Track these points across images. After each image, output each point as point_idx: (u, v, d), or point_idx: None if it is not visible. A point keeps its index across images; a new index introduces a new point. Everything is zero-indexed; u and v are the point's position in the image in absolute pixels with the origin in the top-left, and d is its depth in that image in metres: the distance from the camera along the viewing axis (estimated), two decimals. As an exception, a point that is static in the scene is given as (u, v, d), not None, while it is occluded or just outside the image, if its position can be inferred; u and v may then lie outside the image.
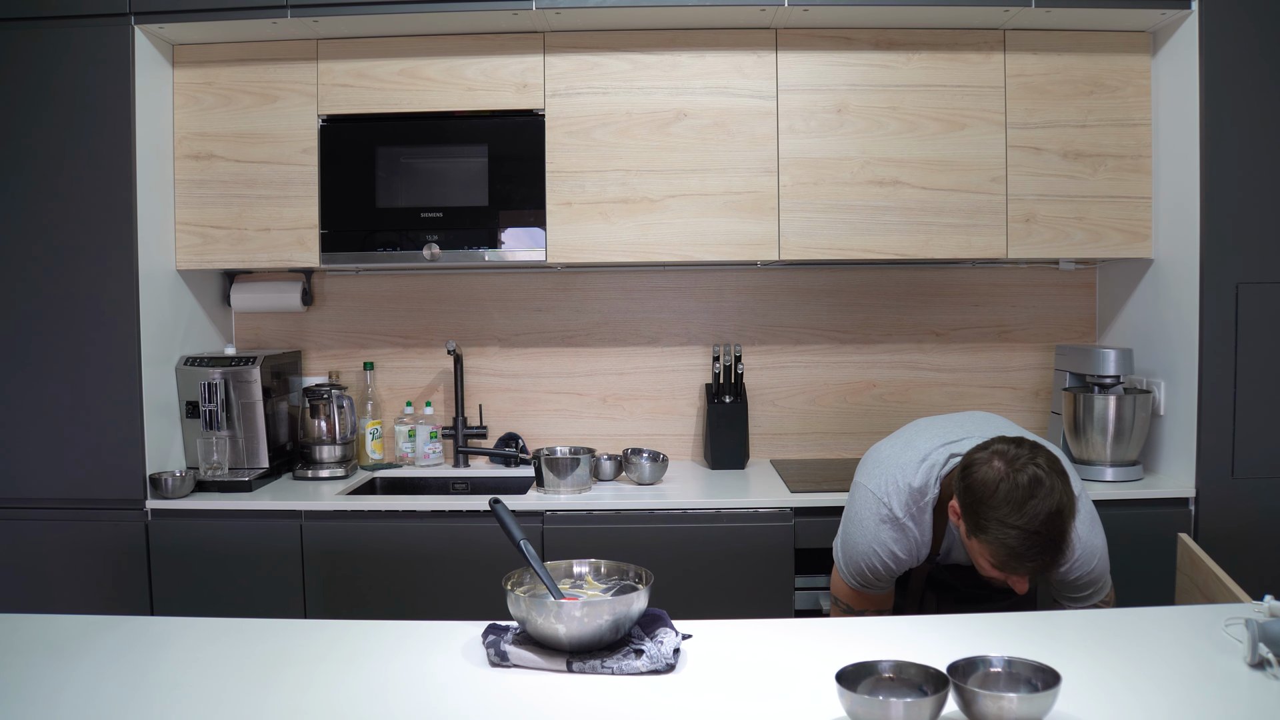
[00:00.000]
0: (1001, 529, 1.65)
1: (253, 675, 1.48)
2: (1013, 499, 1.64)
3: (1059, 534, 1.65)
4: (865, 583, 1.97)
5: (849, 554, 1.98)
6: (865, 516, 1.95)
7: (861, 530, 1.95)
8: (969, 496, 1.71)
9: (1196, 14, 2.63)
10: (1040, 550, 1.64)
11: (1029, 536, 1.63)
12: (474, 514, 2.64)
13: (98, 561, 2.68)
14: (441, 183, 2.87)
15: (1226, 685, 1.39)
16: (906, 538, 1.92)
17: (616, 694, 1.40)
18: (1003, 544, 1.66)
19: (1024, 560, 1.65)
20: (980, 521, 1.68)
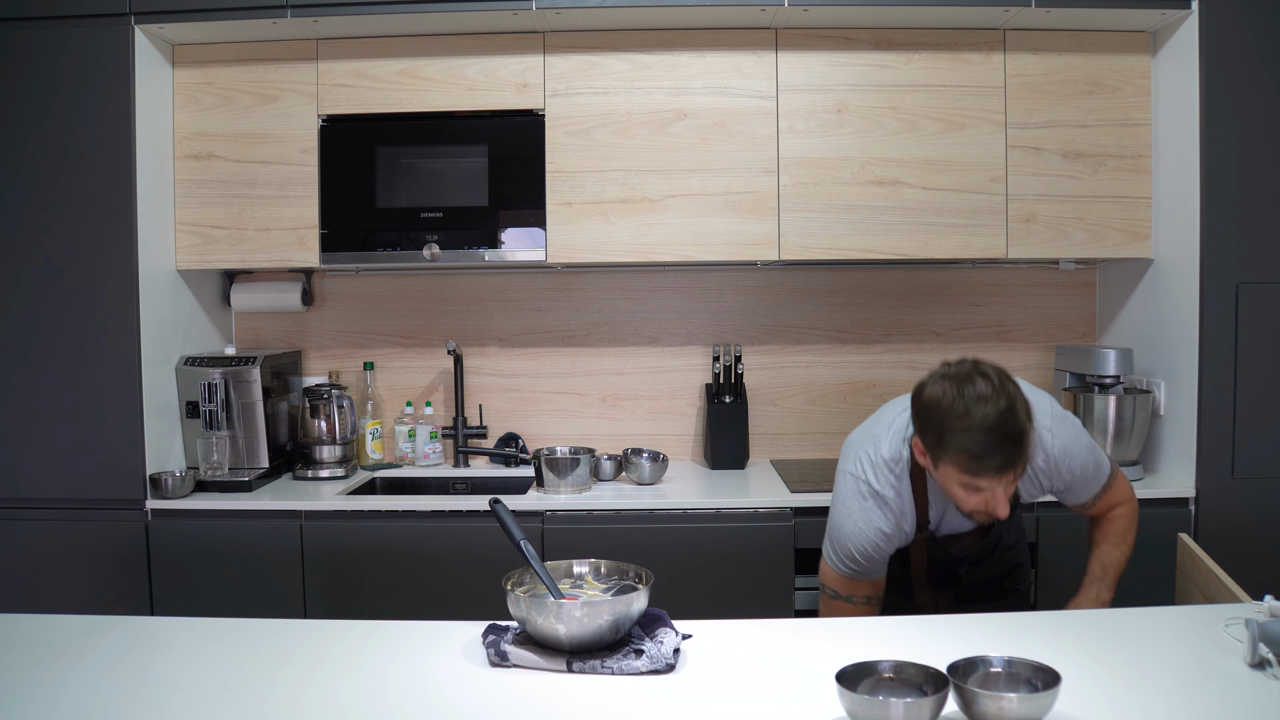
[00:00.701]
0: (958, 436, 1.68)
1: (253, 675, 1.48)
2: (961, 405, 1.68)
3: (1016, 431, 1.68)
4: (857, 568, 1.93)
5: (837, 541, 1.94)
6: (847, 498, 1.93)
7: (846, 513, 1.93)
8: (921, 420, 1.75)
9: (1196, 14, 2.63)
10: (1000, 446, 1.67)
11: (985, 435, 1.66)
12: (474, 514, 2.64)
13: (98, 561, 2.68)
14: (441, 183, 2.87)
15: (1226, 685, 1.39)
16: (890, 510, 1.89)
17: (616, 694, 1.40)
18: (963, 450, 1.68)
19: (986, 460, 1.67)
20: (939, 439, 1.71)
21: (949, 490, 1.78)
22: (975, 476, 1.71)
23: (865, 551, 1.91)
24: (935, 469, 1.78)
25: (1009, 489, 1.74)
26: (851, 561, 1.93)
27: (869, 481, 1.91)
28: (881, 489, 1.89)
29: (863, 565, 1.93)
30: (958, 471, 1.72)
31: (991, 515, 1.78)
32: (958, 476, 1.73)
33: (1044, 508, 2.63)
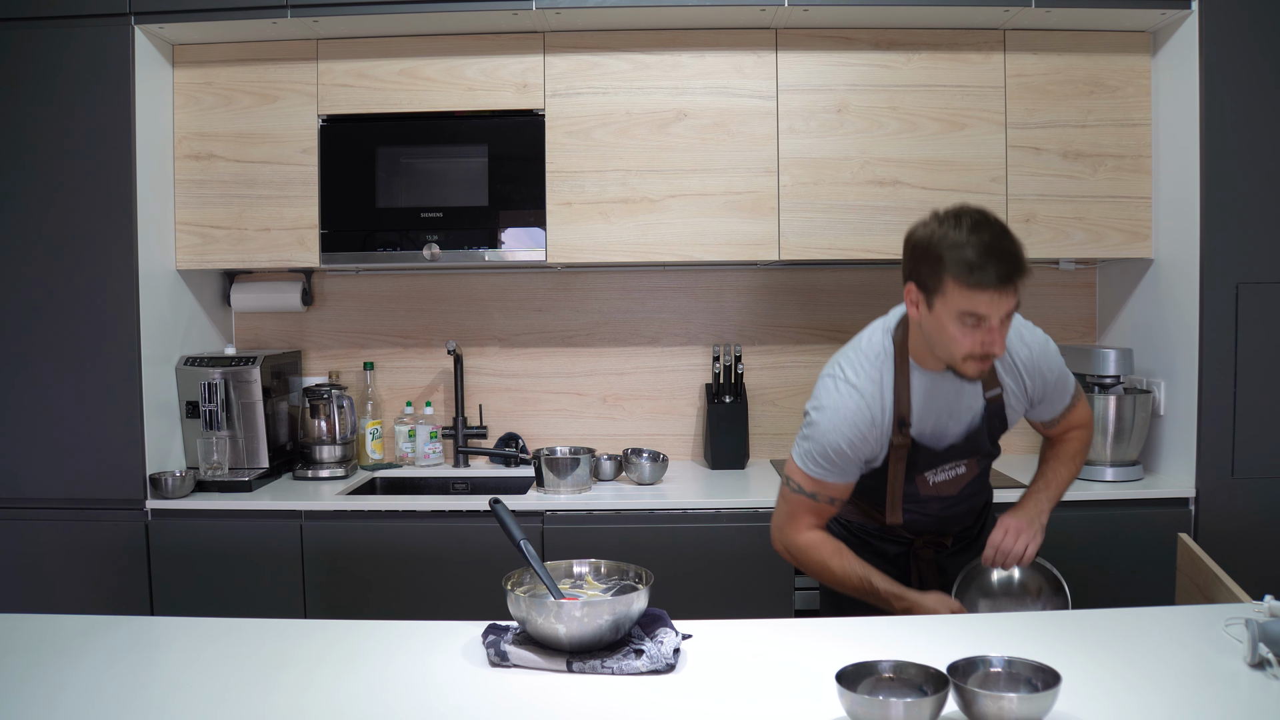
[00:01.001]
0: (954, 250, 1.69)
1: (253, 675, 1.48)
2: (956, 231, 1.71)
3: (1013, 246, 1.70)
4: (827, 467, 1.87)
5: (811, 439, 1.88)
6: (823, 396, 1.89)
7: (820, 410, 1.87)
8: (915, 257, 1.77)
9: (1196, 14, 2.63)
10: (1000, 256, 1.68)
11: (984, 247, 1.68)
12: (474, 514, 2.64)
13: (98, 561, 2.68)
14: (441, 183, 2.87)
15: (1226, 685, 1.39)
16: (866, 403, 1.85)
17: (616, 694, 1.40)
18: (963, 263, 1.68)
19: (987, 269, 1.67)
20: (937, 263, 1.72)
21: (945, 332, 1.75)
22: (976, 291, 1.68)
23: (838, 448, 1.85)
24: (931, 309, 1.76)
25: (1005, 326, 1.74)
26: (823, 459, 1.87)
27: (846, 377, 1.88)
28: (858, 381, 1.87)
29: (833, 464, 1.87)
30: (958, 292, 1.70)
31: (989, 356, 1.75)
32: (957, 301, 1.71)
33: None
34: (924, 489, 1.96)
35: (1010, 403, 1.95)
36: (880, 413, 1.86)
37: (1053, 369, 1.97)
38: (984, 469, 2.02)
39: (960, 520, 2.05)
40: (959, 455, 1.94)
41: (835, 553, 1.90)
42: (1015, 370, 1.93)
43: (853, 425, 1.85)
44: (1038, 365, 1.94)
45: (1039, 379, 1.95)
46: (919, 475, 1.94)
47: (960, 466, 1.96)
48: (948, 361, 1.81)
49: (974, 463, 1.97)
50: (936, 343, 1.80)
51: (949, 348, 1.77)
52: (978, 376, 1.83)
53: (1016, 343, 1.94)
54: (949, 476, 1.96)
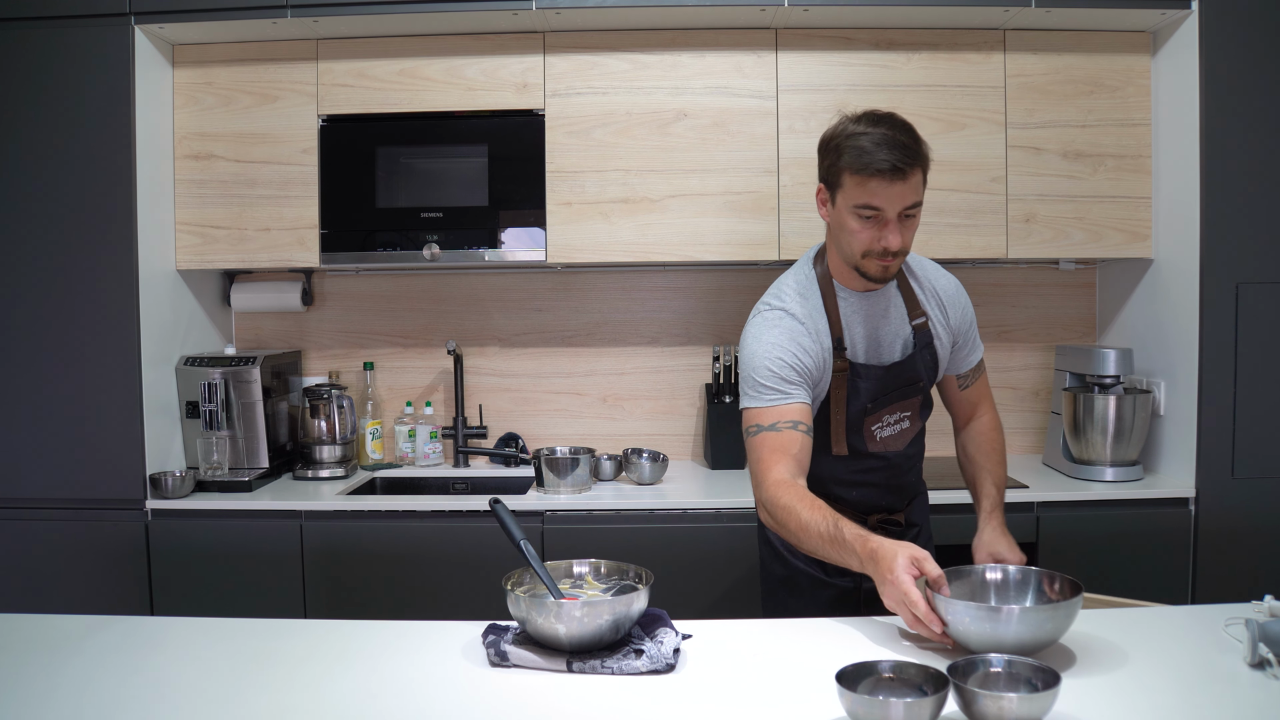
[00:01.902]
0: (850, 140, 1.73)
1: (252, 675, 1.48)
2: (853, 121, 1.77)
3: (908, 135, 1.73)
4: (776, 390, 1.81)
5: (750, 369, 1.85)
6: (756, 328, 1.88)
7: (756, 339, 1.86)
8: (821, 155, 1.82)
9: (1196, 14, 2.63)
10: (893, 145, 1.71)
11: (879, 137, 1.72)
12: (474, 514, 2.64)
13: (98, 561, 2.68)
14: (441, 183, 2.87)
15: (1226, 685, 1.39)
16: (799, 323, 1.86)
17: (616, 694, 1.40)
18: (856, 150, 1.72)
19: (878, 155, 1.70)
20: (835, 158, 1.76)
21: (845, 228, 1.78)
22: (869, 180, 1.71)
23: (783, 362, 1.82)
24: (833, 206, 1.80)
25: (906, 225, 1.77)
26: (769, 380, 1.81)
27: (777, 305, 1.90)
28: (789, 306, 1.88)
29: (780, 385, 1.82)
30: (853, 183, 1.73)
31: (888, 253, 1.77)
32: (853, 193, 1.74)
33: (1043, 508, 2.63)
34: (871, 443, 1.94)
35: (937, 333, 1.96)
36: (817, 332, 1.87)
37: (968, 310, 2.01)
38: (922, 427, 2.03)
39: (907, 492, 2.04)
40: (900, 395, 1.93)
41: (805, 499, 1.75)
42: (937, 298, 1.96)
43: (791, 339, 1.84)
44: (955, 299, 1.98)
45: (959, 313, 1.98)
46: (866, 428, 1.92)
47: (904, 419, 1.96)
48: (851, 261, 1.83)
49: (916, 414, 1.98)
50: (841, 241, 1.83)
51: (850, 244, 1.80)
52: (881, 276, 1.83)
53: (935, 273, 2.00)
54: (894, 431, 1.95)
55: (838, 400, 1.90)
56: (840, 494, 1.96)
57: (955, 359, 2.03)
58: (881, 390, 1.92)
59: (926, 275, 1.98)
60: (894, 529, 2.00)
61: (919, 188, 1.76)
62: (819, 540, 1.69)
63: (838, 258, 1.88)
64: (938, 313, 1.97)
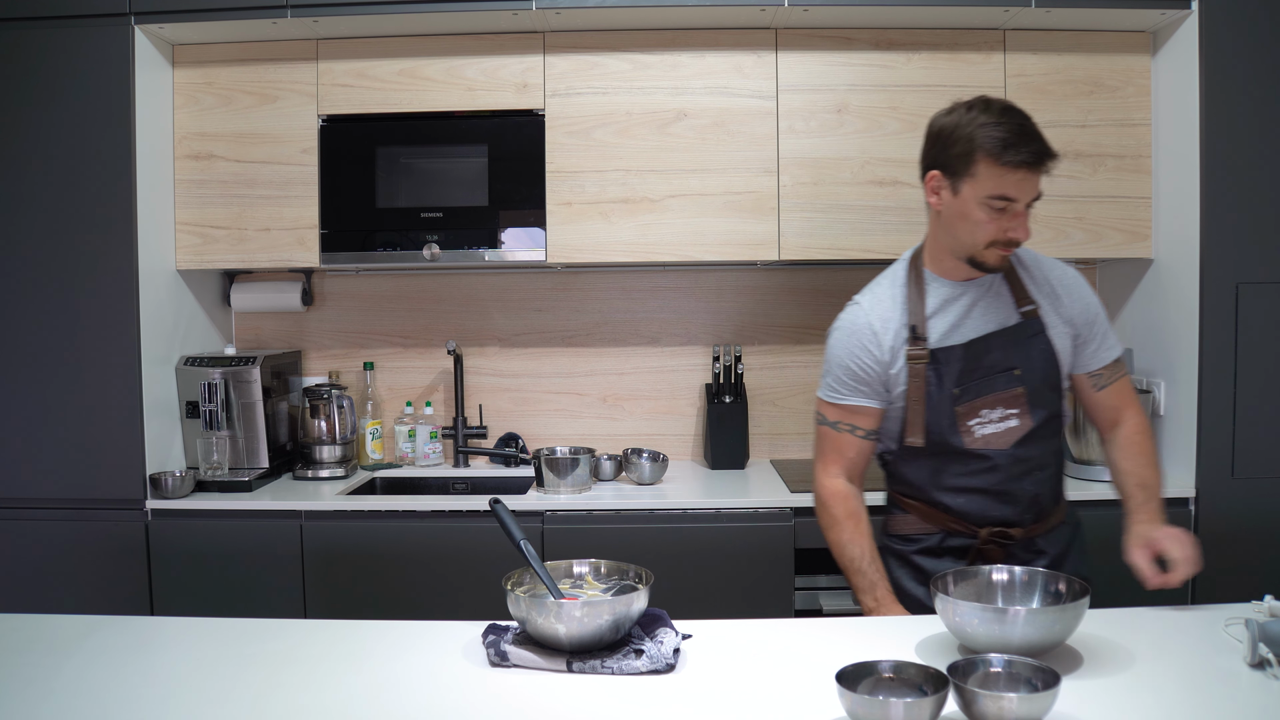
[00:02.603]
0: (985, 129, 1.70)
1: (253, 675, 1.48)
2: (983, 110, 1.73)
3: (1036, 126, 1.72)
4: (841, 390, 1.89)
5: (826, 365, 1.93)
6: (837, 322, 1.95)
7: (833, 334, 1.94)
8: (941, 141, 1.78)
9: (1196, 14, 2.63)
10: (1032, 136, 1.70)
11: (1015, 127, 1.70)
12: (474, 514, 2.64)
13: (98, 561, 2.68)
14: (441, 183, 2.87)
15: (1226, 685, 1.39)
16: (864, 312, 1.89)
17: (616, 694, 1.40)
18: (996, 139, 1.69)
19: (1021, 147, 1.68)
20: (967, 144, 1.72)
21: (969, 219, 1.75)
22: (1008, 171, 1.69)
23: (840, 361, 1.89)
24: (956, 194, 1.76)
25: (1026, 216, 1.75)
26: (831, 379, 1.91)
27: (858, 301, 1.93)
28: (862, 298, 1.92)
29: (841, 382, 1.90)
30: (989, 172, 1.71)
31: (1013, 244, 1.76)
32: (987, 183, 1.71)
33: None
34: (968, 439, 1.85)
35: (1050, 323, 1.87)
36: (881, 322, 1.87)
37: (1089, 297, 1.92)
38: (1043, 427, 1.87)
39: (1026, 502, 1.87)
40: (996, 385, 1.84)
41: (848, 516, 1.89)
42: (1049, 287, 1.89)
43: (850, 334, 1.89)
44: (1071, 287, 1.90)
45: (1077, 303, 1.90)
46: (961, 422, 1.84)
47: (1011, 416, 1.84)
48: (968, 252, 1.80)
49: (1025, 410, 1.84)
50: (958, 231, 1.79)
51: (972, 234, 1.77)
52: (999, 266, 1.81)
53: (1049, 262, 1.93)
54: (998, 429, 1.84)
55: (915, 390, 1.85)
56: (945, 501, 1.89)
57: (1083, 355, 1.92)
58: (967, 373, 1.84)
59: (1038, 264, 1.93)
60: (1007, 544, 1.87)
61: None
62: (845, 562, 1.88)
63: (941, 247, 1.85)
64: (1049, 302, 1.89)
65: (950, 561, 1.88)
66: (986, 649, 1.41)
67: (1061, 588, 1.56)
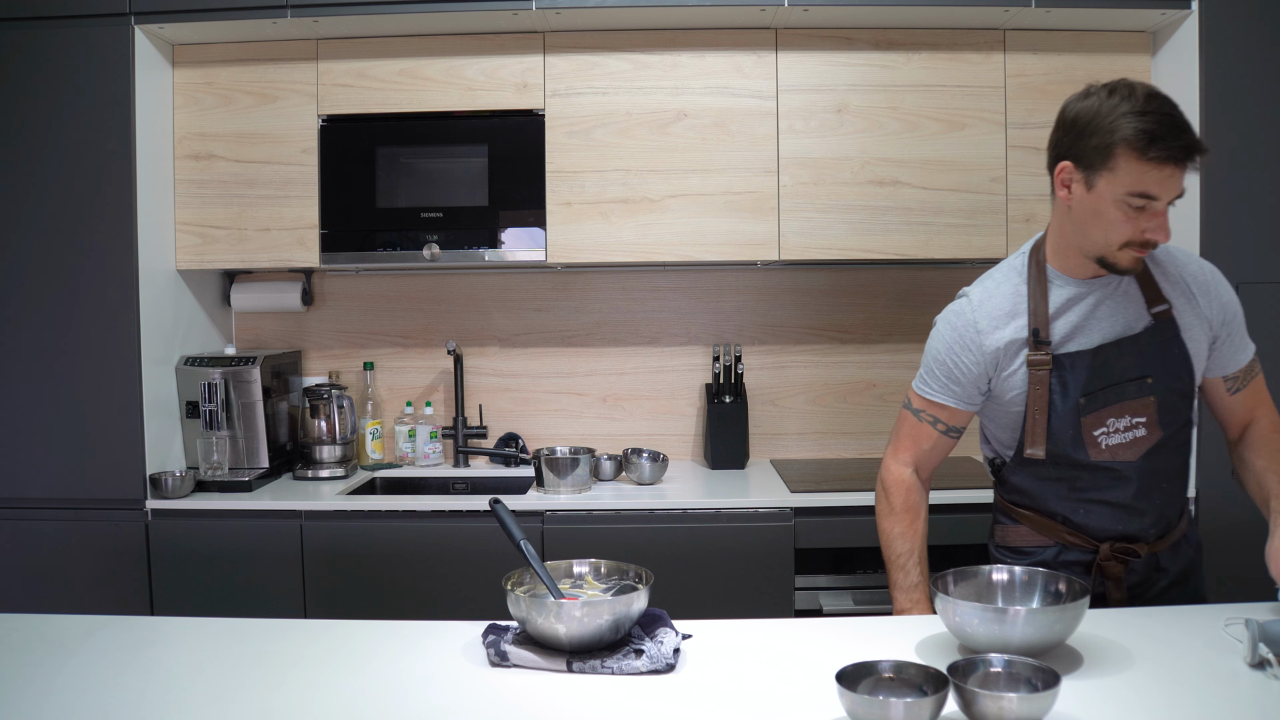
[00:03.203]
0: (1127, 119, 1.54)
1: (253, 675, 1.48)
2: (1126, 97, 1.56)
3: (1183, 116, 1.56)
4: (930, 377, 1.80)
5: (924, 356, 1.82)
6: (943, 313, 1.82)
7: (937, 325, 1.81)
8: (1077, 130, 1.61)
9: (1196, 14, 2.63)
10: (1182, 128, 1.54)
11: (1161, 116, 1.53)
12: (474, 514, 2.64)
13: (98, 561, 2.68)
14: (441, 183, 2.87)
15: (1226, 685, 1.39)
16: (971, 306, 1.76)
17: (616, 694, 1.40)
18: (1141, 132, 1.52)
19: (1169, 140, 1.52)
20: (1108, 134, 1.55)
21: (1103, 216, 1.60)
22: (1153, 166, 1.53)
23: (937, 355, 1.78)
24: (1091, 189, 1.60)
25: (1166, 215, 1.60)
26: (930, 376, 1.80)
27: (964, 293, 1.79)
28: (971, 290, 1.78)
29: (934, 376, 1.79)
30: (1131, 166, 1.54)
31: (1149, 245, 1.60)
32: (1128, 178, 1.55)
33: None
34: (1094, 451, 1.71)
35: (1185, 324, 1.73)
36: (988, 321, 1.74)
37: (1228, 294, 1.76)
38: (1173, 437, 1.74)
39: (1153, 516, 1.76)
40: (1123, 393, 1.70)
41: (906, 509, 1.81)
42: (1184, 285, 1.74)
43: (952, 330, 1.77)
44: (1208, 285, 1.75)
45: (1215, 302, 1.74)
46: (1086, 432, 1.70)
47: (1139, 425, 1.71)
48: (1100, 252, 1.65)
49: (1153, 420, 1.71)
50: (1090, 229, 1.64)
51: (1106, 234, 1.62)
52: (1132, 269, 1.66)
53: (1185, 257, 1.77)
54: (1125, 439, 1.71)
55: (1037, 398, 1.71)
56: (1065, 513, 1.77)
57: (1219, 357, 1.78)
58: (1094, 380, 1.70)
59: (1172, 259, 1.76)
60: (1131, 561, 1.77)
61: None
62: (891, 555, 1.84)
63: (1067, 243, 1.71)
64: (1187, 303, 1.73)
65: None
66: (986, 649, 1.41)
67: (1061, 588, 1.56)
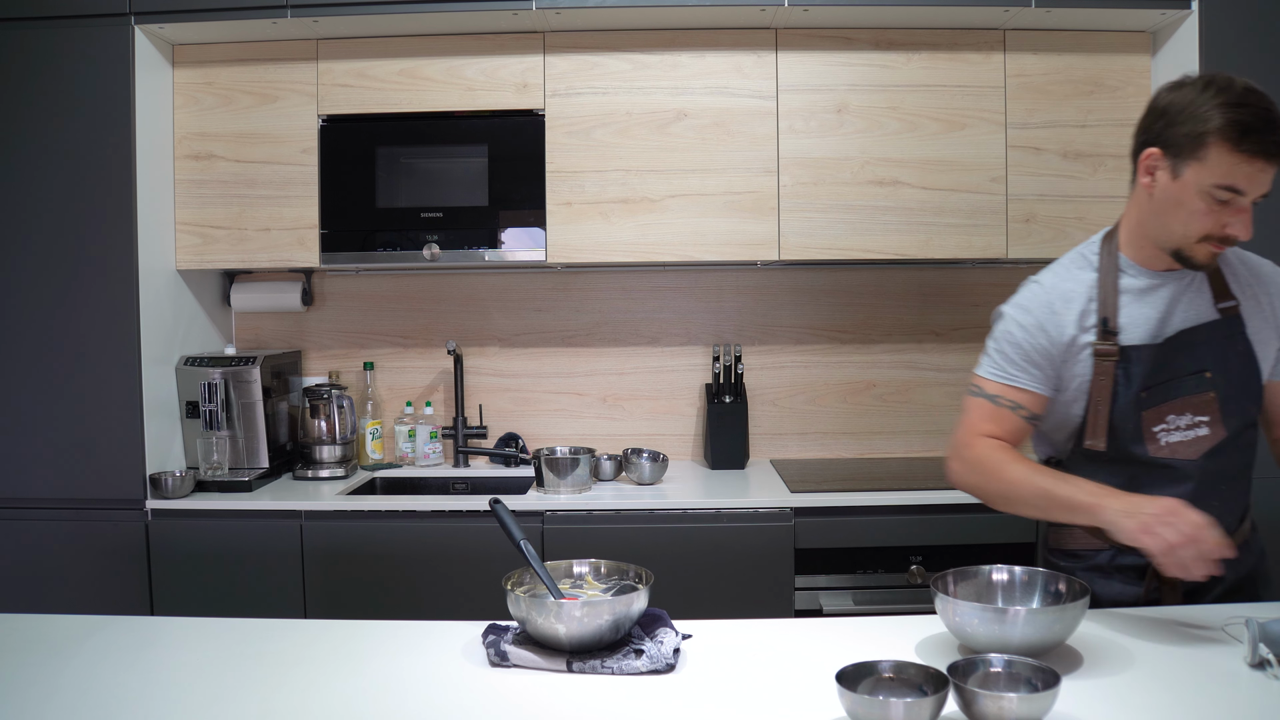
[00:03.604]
0: (1224, 110, 1.51)
1: (253, 675, 1.48)
2: (1223, 88, 1.53)
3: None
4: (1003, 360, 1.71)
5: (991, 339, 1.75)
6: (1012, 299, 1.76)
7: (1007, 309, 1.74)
8: (1169, 117, 1.58)
9: (1196, 14, 2.63)
10: (1277, 124, 1.50)
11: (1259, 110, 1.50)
12: (474, 514, 2.64)
13: (98, 561, 2.68)
14: (441, 183, 2.87)
15: (1227, 685, 1.39)
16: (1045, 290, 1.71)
17: (616, 694, 1.40)
18: (1235, 124, 1.50)
19: (1265, 135, 1.49)
20: (1200, 122, 1.53)
21: (1185, 207, 1.58)
22: (1245, 160, 1.50)
23: (1012, 337, 1.70)
24: (1177, 178, 1.58)
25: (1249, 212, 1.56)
26: (1004, 360, 1.71)
27: (1038, 280, 1.74)
28: (1043, 277, 1.73)
29: (1009, 360, 1.71)
30: (1222, 157, 1.52)
31: (1229, 241, 1.58)
32: (1217, 169, 1.53)
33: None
34: (1154, 447, 1.67)
35: (1252, 324, 1.69)
36: (1063, 302, 1.70)
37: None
38: (1237, 438, 1.70)
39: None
40: (1184, 388, 1.66)
41: (1015, 459, 1.67)
42: (1253, 287, 1.72)
43: (1027, 311, 1.71)
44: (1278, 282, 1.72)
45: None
46: (1146, 428, 1.67)
47: (1200, 424, 1.67)
48: (1176, 244, 1.62)
49: (1216, 417, 1.67)
50: (1170, 219, 1.62)
51: (1186, 225, 1.59)
52: (1207, 264, 1.63)
53: (1254, 257, 1.76)
54: (1186, 437, 1.67)
55: (1100, 389, 1.67)
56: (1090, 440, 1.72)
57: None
58: (1156, 373, 1.66)
59: (1244, 262, 1.75)
60: None
61: None
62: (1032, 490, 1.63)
63: (1143, 233, 1.69)
64: (1253, 303, 1.71)
65: (1120, 582, 1.73)
66: (986, 649, 1.41)
67: (1061, 588, 1.56)
